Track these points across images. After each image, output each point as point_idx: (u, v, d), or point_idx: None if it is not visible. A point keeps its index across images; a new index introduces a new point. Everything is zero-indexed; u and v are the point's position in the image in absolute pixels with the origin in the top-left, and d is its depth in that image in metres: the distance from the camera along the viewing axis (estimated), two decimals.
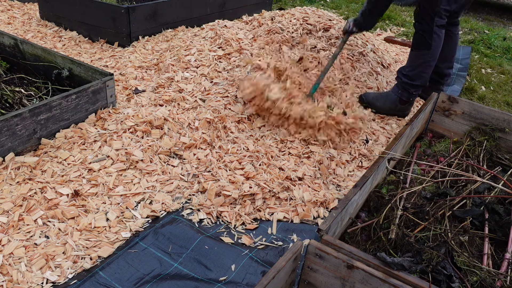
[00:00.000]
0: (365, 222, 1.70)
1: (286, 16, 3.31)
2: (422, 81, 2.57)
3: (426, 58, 2.52)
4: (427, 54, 2.51)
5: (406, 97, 2.62)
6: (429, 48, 2.48)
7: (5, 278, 1.43)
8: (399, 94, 2.64)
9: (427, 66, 2.54)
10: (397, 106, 2.66)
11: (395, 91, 2.66)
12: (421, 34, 2.50)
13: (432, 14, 2.41)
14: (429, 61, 2.53)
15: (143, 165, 1.99)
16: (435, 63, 2.57)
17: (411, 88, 2.59)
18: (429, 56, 2.51)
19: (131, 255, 1.59)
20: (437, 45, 2.50)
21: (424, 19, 2.46)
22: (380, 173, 1.90)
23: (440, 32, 2.47)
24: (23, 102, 2.22)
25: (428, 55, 2.51)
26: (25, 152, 1.98)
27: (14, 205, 1.71)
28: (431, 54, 2.50)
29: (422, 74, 2.55)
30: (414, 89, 2.59)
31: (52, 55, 2.47)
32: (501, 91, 3.45)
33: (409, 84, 2.58)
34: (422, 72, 2.55)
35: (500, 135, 2.36)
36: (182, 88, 2.57)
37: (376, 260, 1.31)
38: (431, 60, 2.53)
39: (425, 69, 2.55)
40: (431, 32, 2.45)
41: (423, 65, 2.54)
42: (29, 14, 3.89)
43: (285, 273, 1.27)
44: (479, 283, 1.39)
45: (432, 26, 2.44)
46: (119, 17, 3.14)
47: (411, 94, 2.61)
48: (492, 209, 1.71)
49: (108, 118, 2.25)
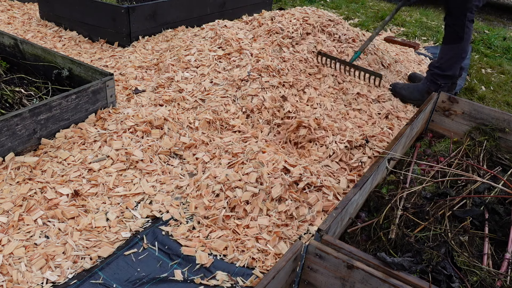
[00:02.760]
0: (365, 222, 1.70)
1: (286, 16, 3.31)
2: (452, 72, 2.69)
3: (457, 50, 2.66)
4: (459, 47, 2.65)
5: (435, 88, 2.73)
6: (461, 41, 2.62)
7: (5, 278, 1.43)
8: (427, 85, 2.77)
9: (459, 58, 2.68)
10: (424, 96, 2.77)
11: (424, 83, 2.81)
12: (453, 29, 2.62)
13: (464, 10, 2.55)
14: (461, 53, 2.67)
15: (143, 165, 1.99)
16: (466, 55, 2.71)
17: (441, 79, 2.71)
18: (461, 49, 2.65)
19: (131, 255, 1.59)
20: (468, 38, 2.64)
21: (456, 14, 2.58)
22: (380, 173, 1.90)
23: (470, 26, 2.61)
24: (23, 102, 2.22)
25: (459, 47, 2.65)
26: (25, 152, 1.98)
27: (14, 205, 1.71)
28: (462, 46, 2.64)
29: (453, 65, 2.68)
30: (443, 80, 2.70)
31: (52, 55, 2.47)
32: (501, 91, 3.45)
33: (440, 75, 2.71)
34: (453, 64, 2.68)
35: (500, 135, 2.35)
36: (182, 88, 2.57)
37: (376, 260, 1.31)
38: (462, 52, 2.67)
39: (457, 61, 2.68)
40: (463, 26, 2.58)
41: (455, 57, 2.68)
42: (29, 14, 3.89)
43: (285, 273, 1.27)
44: (479, 283, 1.39)
45: (464, 21, 2.57)
46: (119, 17, 3.14)
47: (439, 85, 2.71)
48: (492, 209, 1.71)
49: (108, 118, 2.25)
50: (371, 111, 2.68)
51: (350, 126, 2.41)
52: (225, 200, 1.81)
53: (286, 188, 1.86)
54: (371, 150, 2.24)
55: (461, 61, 2.71)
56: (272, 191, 1.82)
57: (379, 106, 2.75)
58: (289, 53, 2.95)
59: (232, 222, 1.75)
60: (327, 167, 2.13)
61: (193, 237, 1.68)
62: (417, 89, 2.81)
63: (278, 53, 2.95)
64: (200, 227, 1.73)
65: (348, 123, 2.45)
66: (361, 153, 2.20)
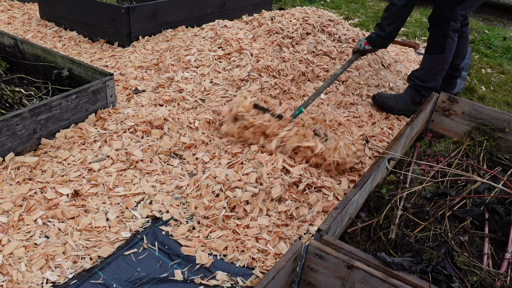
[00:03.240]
0: (365, 222, 1.70)
1: (286, 16, 3.31)
2: (434, 84, 2.61)
3: (439, 61, 2.57)
4: (441, 58, 2.55)
5: (419, 99, 2.67)
6: (443, 52, 2.53)
7: (5, 278, 1.43)
8: (411, 95, 2.69)
9: (440, 70, 2.59)
10: (409, 107, 2.71)
11: (408, 93, 2.71)
12: (435, 39, 2.54)
13: (449, 19, 2.45)
14: (443, 65, 2.58)
15: (143, 165, 1.99)
16: (448, 66, 2.61)
17: (423, 90, 2.64)
18: (443, 60, 2.56)
19: (130, 255, 1.59)
20: (451, 48, 2.54)
21: (440, 24, 2.50)
22: (380, 173, 1.90)
23: (454, 36, 2.52)
24: (23, 102, 2.22)
25: (441, 58, 2.55)
26: (25, 152, 1.98)
27: (14, 205, 1.71)
28: (444, 57, 2.55)
29: (435, 77, 2.60)
30: (426, 91, 2.63)
31: (52, 55, 2.47)
32: (501, 91, 3.45)
33: (422, 86, 2.63)
34: (435, 75, 2.59)
35: (500, 135, 2.35)
36: (182, 88, 2.57)
37: (376, 260, 1.31)
38: (444, 63, 2.57)
39: (438, 72, 2.60)
40: (446, 36, 2.49)
41: (436, 68, 2.58)
42: (29, 14, 3.89)
43: (285, 273, 1.27)
44: (479, 283, 1.39)
45: (448, 31, 2.48)
46: (119, 17, 3.14)
47: (423, 96, 2.65)
48: (492, 209, 1.71)
49: (108, 118, 2.25)
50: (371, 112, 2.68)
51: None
52: (225, 200, 1.81)
53: (286, 188, 1.86)
54: (371, 150, 2.24)
55: (442, 73, 2.62)
56: (272, 191, 1.82)
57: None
58: (289, 53, 2.95)
59: (232, 222, 1.75)
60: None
61: (193, 237, 1.68)
62: (402, 100, 2.72)
63: (278, 53, 2.95)
64: (200, 227, 1.73)
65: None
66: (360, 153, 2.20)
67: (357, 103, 2.76)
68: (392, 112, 2.75)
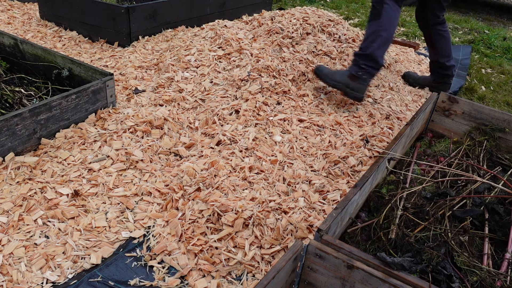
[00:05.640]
0: (365, 222, 1.70)
1: (286, 16, 3.31)
2: (369, 51, 2.51)
3: (375, 27, 2.51)
4: (377, 23, 2.50)
5: (355, 71, 2.57)
6: (379, 17, 2.49)
7: (5, 278, 1.43)
8: (349, 68, 2.62)
9: (378, 36, 2.51)
10: (345, 79, 2.60)
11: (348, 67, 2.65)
12: (373, 5, 2.53)
13: None
14: (379, 31, 2.51)
15: (143, 165, 1.99)
16: (387, 35, 2.52)
17: (361, 59, 2.55)
18: (379, 25, 2.50)
19: (131, 256, 1.59)
20: (388, 16, 2.48)
21: None
22: (380, 173, 1.90)
23: (392, 4, 2.48)
24: (23, 102, 2.22)
25: (378, 24, 2.50)
26: (25, 152, 1.98)
27: (14, 205, 1.71)
28: (381, 23, 2.49)
29: (372, 44, 2.51)
30: (363, 61, 2.54)
31: (52, 55, 2.47)
32: (501, 91, 3.45)
33: (360, 55, 2.56)
34: (371, 42, 2.52)
35: (500, 135, 2.36)
36: (182, 88, 2.57)
37: (376, 260, 1.31)
38: (380, 30, 2.50)
39: (376, 39, 2.51)
40: (383, 2, 2.48)
41: (373, 34, 2.52)
42: (29, 14, 3.89)
43: (285, 273, 1.27)
44: (479, 283, 1.39)
45: None
46: (119, 17, 3.14)
47: (360, 68, 2.55)
48: (492, 209, 1.71)
49: (108, 118, 2.25)
50: (372, 112, 2.68)
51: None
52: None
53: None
54: (371, 150, 2.24)
55: (379, 40, 2.51)
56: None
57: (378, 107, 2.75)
58: (289, 53, 2.95)
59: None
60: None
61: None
62: (340, 73, 2.64)
63: (278, 53, 2.95)
64: None
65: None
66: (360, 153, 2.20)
67: (357, 103, 2.76)
68: (325, 82, 2.69)
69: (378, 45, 2.50)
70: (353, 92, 2.59)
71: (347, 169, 2.07)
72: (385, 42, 2.52)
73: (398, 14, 2.52)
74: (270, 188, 1.91)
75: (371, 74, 2.57)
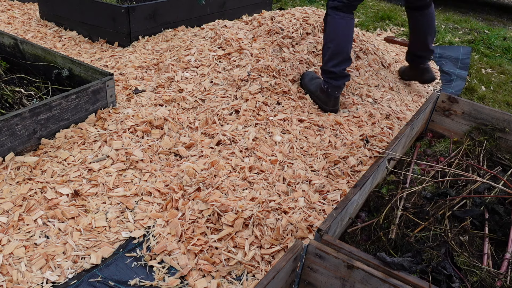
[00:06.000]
0: (365, 222, 1.70)
1: (286, 16, 3.31)
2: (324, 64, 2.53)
3: (324, 41, 2.53)
4: (325, 37, 2.52)
5: (322, 84, 2.59)
6: (325, 30, 2.51)
7: (5, 278, 1.43)
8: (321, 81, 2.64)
9: (327, 49, 2.50)
10: (317, 91, 2.63)
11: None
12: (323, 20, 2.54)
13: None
14: (327, 43, 2.50)
15: (143, 165, 1.99)
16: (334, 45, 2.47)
17: (322, 73, 2.58)
18: (326, 38, 2.51)
19: (131, 256, 1.59)
20: (332, 26, 2.45)
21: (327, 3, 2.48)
22: (380, 173, 1.90)
23: (334, 14, 2.44)
24: (23, 102, 2.22)
25: (325, 37, 2.52)
26: (25, 152, 1.98)
27: (14, 205, 1.71)
28: (327, 35, 2.49)
29: (324, 58, 2.53)
30: (323, 75, 2.56)
31: (52, 55, 2.47)
32: (501, 91, 3.45)
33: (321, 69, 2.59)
34: (324, 55, 2.53)
35: (500, 135, 2.35)
36: (182, 88, 2.57)
37: (376, 260, 1.31)
38: (328, 42, 2.49)
39: (326, 52, 2.51)
40: (326, 15, 2.48)
41: (324, 48, 2.54)
42: (29, 14, 3.89)
43: (285, 273, 1.27)
44: (479, 283, 1.39)
45: (327, 9, 2.46)
46: (119, 17, 3.14)
47: (324, 81, 2.57)
48: (492, 209, 1.71)
49: (108, 118, 2.25)
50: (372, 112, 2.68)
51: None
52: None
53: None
54: (371, 150, 2.24)
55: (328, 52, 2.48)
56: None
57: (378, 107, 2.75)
58: (289, 53, 2.95)
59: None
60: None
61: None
62: (317, 82, 2.66)
63: (278, 53, 2.95)
64: None
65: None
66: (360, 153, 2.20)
67: (357, 103, 2.76)
68: (303, 88, 2.74)
69: (328, 57, 2.51)
70: (322, 104, 2.64)
71: (347, 169, 2.07)
72: (335, 52, 2.48)
73: (344, 21, 2.45)
74: (270, 188, 1.91)
75: (335, 86, 2.54)
